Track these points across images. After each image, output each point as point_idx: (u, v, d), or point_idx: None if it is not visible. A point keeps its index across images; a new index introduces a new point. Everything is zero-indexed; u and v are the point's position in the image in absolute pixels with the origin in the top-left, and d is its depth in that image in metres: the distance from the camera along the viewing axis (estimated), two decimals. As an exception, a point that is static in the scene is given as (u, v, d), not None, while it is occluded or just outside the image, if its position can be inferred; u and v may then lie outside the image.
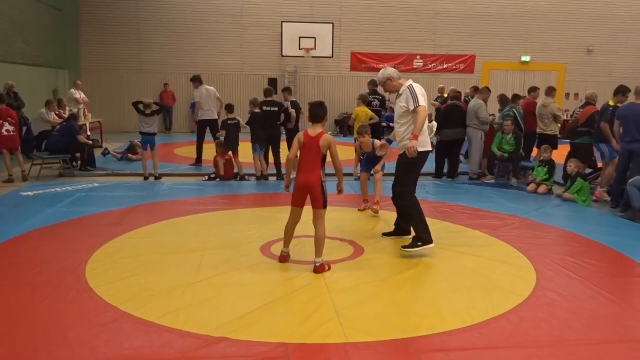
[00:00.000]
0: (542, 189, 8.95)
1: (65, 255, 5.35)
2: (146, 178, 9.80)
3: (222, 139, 9.86)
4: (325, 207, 5.05)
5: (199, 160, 11.21)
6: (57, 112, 12.24)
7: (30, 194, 8.34)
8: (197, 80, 11.43)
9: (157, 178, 9.83)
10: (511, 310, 4.20)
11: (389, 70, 5.73)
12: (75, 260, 5.19)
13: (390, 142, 6.41)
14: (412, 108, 5.40)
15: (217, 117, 11.32)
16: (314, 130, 5.03)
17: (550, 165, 9.19)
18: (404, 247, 5.57)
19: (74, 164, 10.60)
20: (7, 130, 9.38)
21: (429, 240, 5.51)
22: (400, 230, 6.18)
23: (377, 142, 7.08)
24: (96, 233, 6.15)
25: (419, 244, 5.49)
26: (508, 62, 20.44)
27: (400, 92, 5.61)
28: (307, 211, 7.18)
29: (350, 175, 10.16)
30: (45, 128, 11.55)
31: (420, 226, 5.56)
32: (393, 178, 5.89)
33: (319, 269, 4.96)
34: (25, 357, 3.43)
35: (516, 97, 10.46)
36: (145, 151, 9.86)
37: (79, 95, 14.52)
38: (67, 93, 15.34)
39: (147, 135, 9.75)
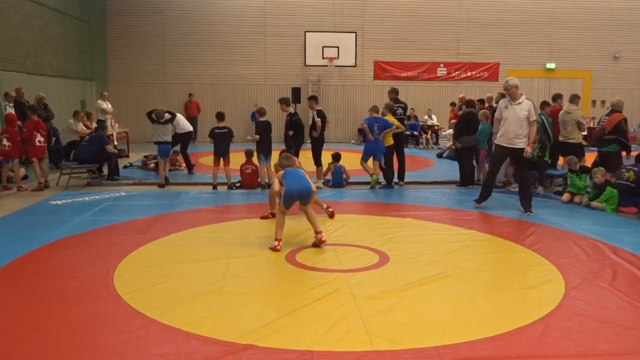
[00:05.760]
0: (579, 198, 8.68)
1: (94, 262, 5.44)
2: (162, 186, 10.01)
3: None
4: None
5: None
6: (84, 123, 12.50)
7: (59, 202, 8.51)
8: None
9: (161, 186, 10.06)
10: (539, 319, 4.13)
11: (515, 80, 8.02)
12: (103, 267, 5.27)
13: None
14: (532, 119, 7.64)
15: None
16: None
17: (585, 171, 8.96)
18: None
19: (101, 173, 10.79)
20: (39, 141, 9.68)
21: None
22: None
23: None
24: (123, 241, 6.25)
25: None
26: (532, 70, 20.25)
27: (520, 100, 7.76)
28: (337, 219, 7.22)
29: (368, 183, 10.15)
30: (73, 138, 11.80)
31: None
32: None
33: None
34: (56, 362, 3.49)
35: (544, 104, 10.34)
36: (162, 159, 10.04)
37: (106, 105, 14.81)
38: (94, 104, 15.66)
39: (163, 144, 9.95)
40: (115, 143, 13.71)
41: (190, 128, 11.81)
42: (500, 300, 4.57)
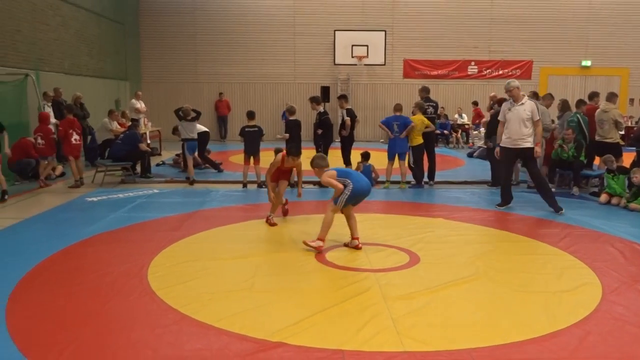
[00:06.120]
0: (616, 200, 8.40)
1: (128, 258, 5.54)
2: (192, 183, 10.15)
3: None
4: None
5: None
6: (119, 121, 12.74)
7: (94, 199, 8.70)
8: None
9: (191, 183, 10.22)
10: (576, 323, 4.04)
11: (516, 82, 7.99)
12: (137, 263, 5.37)
13: None
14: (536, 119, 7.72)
15: None
16: None
17: (623, 172, 8.68)
18: None
19: (135, 170, 10.99)
20: (75, 139, 9.90)
21: None
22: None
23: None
24: (156, 237, 6.35)
25: None
26: (567, 67, 19.82)
27: (523, 101, 7.77)
28: (367, 219, 7.19)
29: (396, 182, 10.08)
30: (108, 136, 12.04)
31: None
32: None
33: None
34: (91, 356, 3.55)
35: (580, 103, 10.10)
36: (190, 156, 10.28)
37: (140, 105, 15.07)
38: (128, 103, 15.95)
39: (191, 141, 10.19)
40: (149, 141, 13.93)
41: (204, 128, 11.85)
42: (534, 303, 4.47)
